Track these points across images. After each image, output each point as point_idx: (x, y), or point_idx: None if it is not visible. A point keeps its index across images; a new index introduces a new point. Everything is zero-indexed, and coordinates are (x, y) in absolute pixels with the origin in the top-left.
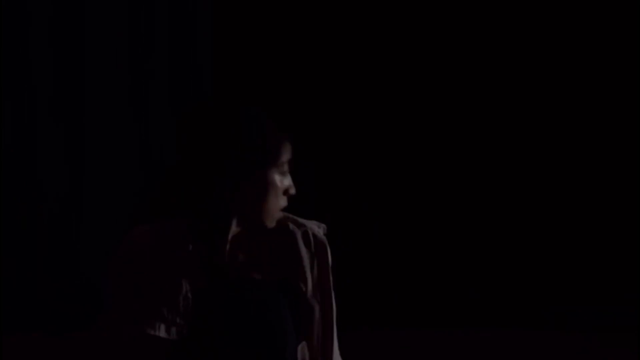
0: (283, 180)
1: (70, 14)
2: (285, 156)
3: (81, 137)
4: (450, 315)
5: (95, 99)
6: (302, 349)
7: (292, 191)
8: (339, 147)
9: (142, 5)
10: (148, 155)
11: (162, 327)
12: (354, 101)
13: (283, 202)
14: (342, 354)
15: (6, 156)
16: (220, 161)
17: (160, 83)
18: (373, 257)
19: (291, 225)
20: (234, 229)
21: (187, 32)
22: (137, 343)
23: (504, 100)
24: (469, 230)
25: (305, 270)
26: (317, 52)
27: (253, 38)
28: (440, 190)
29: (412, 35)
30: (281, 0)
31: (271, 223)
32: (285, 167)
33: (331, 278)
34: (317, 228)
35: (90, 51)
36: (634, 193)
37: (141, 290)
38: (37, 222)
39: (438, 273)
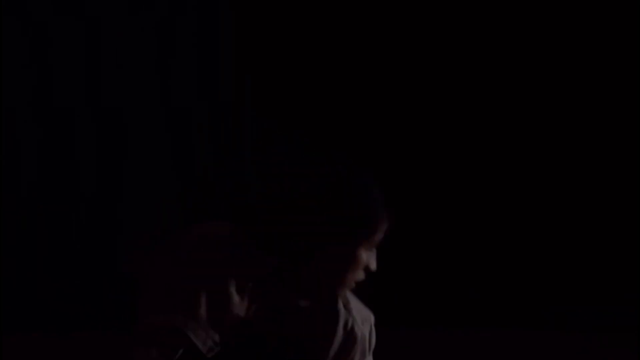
0: (369, 255)
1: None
2: (380, 234)
3: (93, 136)
4: (450, 315)
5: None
6: None
7: (373, 267)
8: (338, 147)
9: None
10: (152, 159)
11: (202, 337)
12: (354, 101)
13: (360, 276)
14: None
15: (6, 155)
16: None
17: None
18: None
19: (340, 305)
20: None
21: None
22: (167, 339)
23: (503, 101)
24: (469, 230)
25: (327, 354)
26: (318, 51)
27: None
28: (440, 190)
29: (413, 36)
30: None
31: (341, 294)
32: (376, 244)
33: None
34: (360, 322)
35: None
36: (634, 193)
37: (194, 294)
38: (37, 222)
39: (438, 273)
